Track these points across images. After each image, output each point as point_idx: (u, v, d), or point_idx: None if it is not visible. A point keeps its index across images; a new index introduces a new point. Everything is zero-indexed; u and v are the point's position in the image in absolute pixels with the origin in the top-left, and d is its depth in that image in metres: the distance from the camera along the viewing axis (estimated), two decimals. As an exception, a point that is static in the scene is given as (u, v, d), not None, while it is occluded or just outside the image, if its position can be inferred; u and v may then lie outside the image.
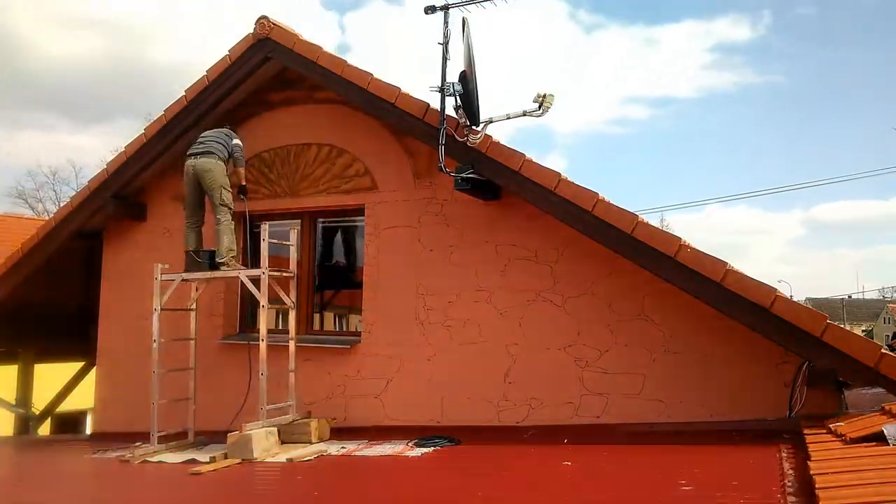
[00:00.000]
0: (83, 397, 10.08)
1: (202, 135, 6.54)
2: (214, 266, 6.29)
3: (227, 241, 6.27)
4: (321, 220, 7.09)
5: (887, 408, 4.01)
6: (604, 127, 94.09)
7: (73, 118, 64.39)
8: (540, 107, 5.44)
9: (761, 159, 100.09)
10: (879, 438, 3.46)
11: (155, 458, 5.85)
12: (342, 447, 5.63)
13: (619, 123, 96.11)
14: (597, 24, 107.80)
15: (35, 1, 57.94)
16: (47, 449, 7.76)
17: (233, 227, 6.39)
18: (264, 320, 5.90)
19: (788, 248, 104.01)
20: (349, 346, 6.42)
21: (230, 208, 6.38)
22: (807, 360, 4.63)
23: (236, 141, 6.55)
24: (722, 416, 5.02)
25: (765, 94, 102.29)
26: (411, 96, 5.97)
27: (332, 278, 7.34)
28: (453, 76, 5.61)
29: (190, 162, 6.35)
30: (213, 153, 6.32)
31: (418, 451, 5.24)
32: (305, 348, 6.49)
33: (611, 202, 5.20)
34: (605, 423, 5.36)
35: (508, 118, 5.61)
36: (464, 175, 5.57)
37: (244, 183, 6.66)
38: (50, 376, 10.56)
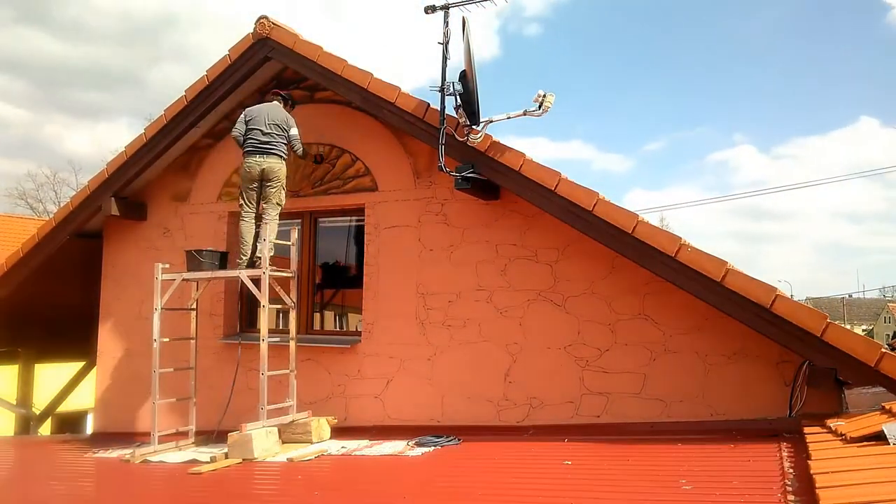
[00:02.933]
0: (84, 397, 10.11)
1: (263, 120, 6.25)
2: (251, 264, 6.26)
3: (272, 237, 6.18)
4: (321, 219, 7.10)
5: (887, 407, 4.01)
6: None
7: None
8: (540, 107, 5.43)
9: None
10: (880, 438, 3.46)
11: (155, 458, 5.85)
12: (342, 447, 5.63)
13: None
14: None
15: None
16: (48, 449, 7.75)
17: (277, 225, 6.34)
18: (265, 320, 5.90)
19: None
20: (349, 346, 6.42)
21: (281, 207, 6.36)
22: (807, 360, 4.62)
23: (294, 131, 6.37)
24: (722, 416, 5.03)
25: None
26: (411, 96, 5.97)
27: (333, 278, 7.34)
28: (453, 75, 5.62)
29: (256, 160, 6.21)
30: (280, 155, 6.27)
31: (419, 451, 5.24)
32: (306, 348, 6.50)
33: (611, 202, 5.20)
34: (606, 423, 5.36)
35: (509, 118, 5.61)
36: (464, 175, 5.57)
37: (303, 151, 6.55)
38: (50, 376, 10.59)
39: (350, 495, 4.36)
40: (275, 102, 6.50)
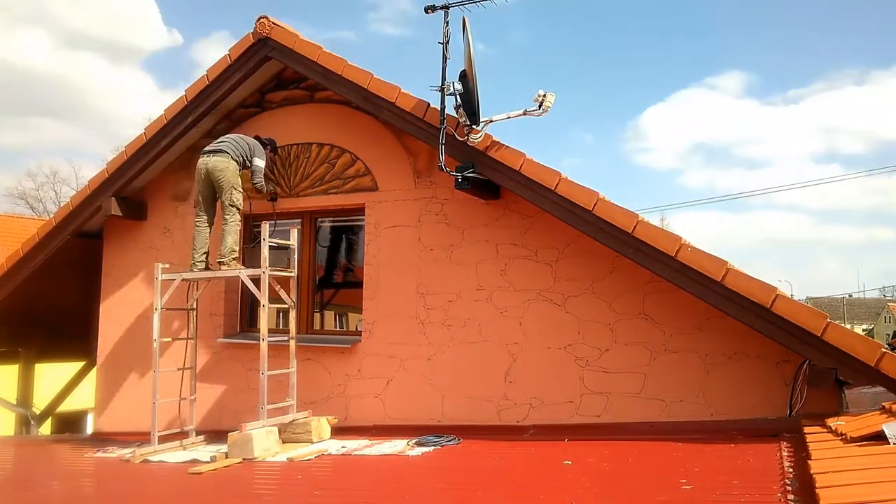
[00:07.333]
0: (84, 397, 10.11)
1: (223, 137, 6.51)
2: (207, 267, 6.29)
3: (230, 241, 6.26)
4: (321, 219, 7.10)
5: (887, 407, 4.01)
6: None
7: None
8: (540, 106, 5.43)
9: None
10: (880, 437, 3.46)
11: (155, 458, 5.85)
12: (342, 446, 5.63)
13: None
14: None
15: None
16: (48, 448, 7.75)
17: (239, 228, 6.39)
18: (265, 320, 5.90)
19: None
20: (350, 346, 6.42)
21: (238, 209, 6.36)
22: (807, 360, 4.62)
23: (258, 162, 6.40)
24: (722, 415, 5.03)
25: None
26: (411, 95, 5.96)
27: (333, 278, 7.34)
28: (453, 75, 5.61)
29: (203, 160, 6.30)
30: (227, 153, 6.28)
31: (419, 451, 5.24)
32: (306, 347, 6.50)
33: (611, 201, 5.20)
34: (606, 422, 5.36)
35: (509, 118, 5.61)
36: (464, 174, 5.57)
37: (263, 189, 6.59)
38: (51, 376, 10.60)
39: (350, 495, 4.36)
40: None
